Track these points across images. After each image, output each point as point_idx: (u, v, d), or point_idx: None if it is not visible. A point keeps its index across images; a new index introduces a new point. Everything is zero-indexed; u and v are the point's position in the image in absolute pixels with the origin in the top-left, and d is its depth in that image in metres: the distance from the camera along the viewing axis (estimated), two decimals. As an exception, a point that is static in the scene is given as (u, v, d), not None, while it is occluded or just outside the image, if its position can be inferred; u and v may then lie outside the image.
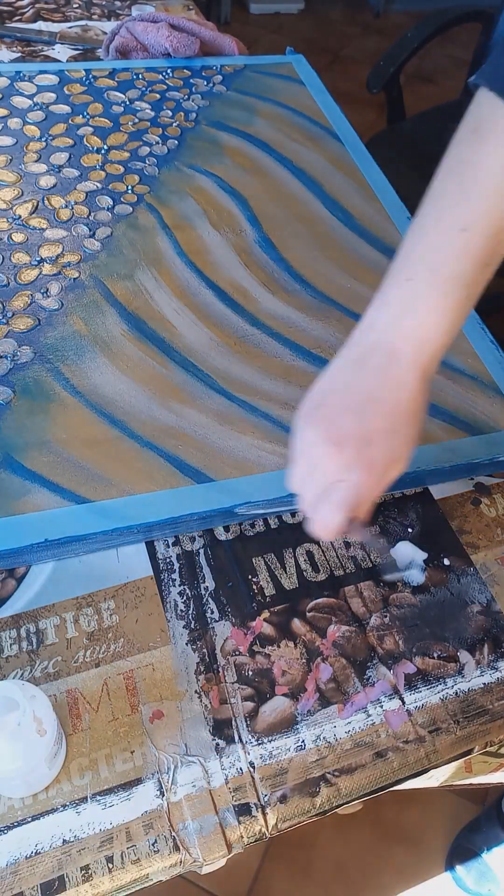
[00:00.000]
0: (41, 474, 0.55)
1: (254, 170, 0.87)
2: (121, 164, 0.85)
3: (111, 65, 1.01)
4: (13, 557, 0.52)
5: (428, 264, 0.42)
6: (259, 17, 3.05)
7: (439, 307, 0.42)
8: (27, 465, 0.56)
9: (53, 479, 0.55)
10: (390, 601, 0.55)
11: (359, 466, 0.42)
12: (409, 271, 0.43)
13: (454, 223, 0.41)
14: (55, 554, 0.54)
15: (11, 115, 0.88)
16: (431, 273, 0.42)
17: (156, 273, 0.73)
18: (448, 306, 0.42)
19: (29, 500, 0.54)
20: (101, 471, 0.56)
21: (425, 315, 0.42)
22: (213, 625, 0.53)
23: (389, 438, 0.43)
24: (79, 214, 0.77)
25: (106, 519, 0.53)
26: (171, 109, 0.95)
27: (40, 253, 0.73)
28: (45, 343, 0.65)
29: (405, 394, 0.43)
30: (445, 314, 0.42)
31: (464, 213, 0.41)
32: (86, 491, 0.55)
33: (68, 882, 0.41)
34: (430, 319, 0.42)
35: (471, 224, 0.41)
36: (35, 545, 0.51)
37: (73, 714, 0.47)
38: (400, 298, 0.43)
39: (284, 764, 0.47)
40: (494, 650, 0.54)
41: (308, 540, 0.58)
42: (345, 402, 0.43)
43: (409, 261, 0.43)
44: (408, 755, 0.48)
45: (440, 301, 0.42)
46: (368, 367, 0.43)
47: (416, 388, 0.43)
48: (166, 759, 0.46)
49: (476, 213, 0.41)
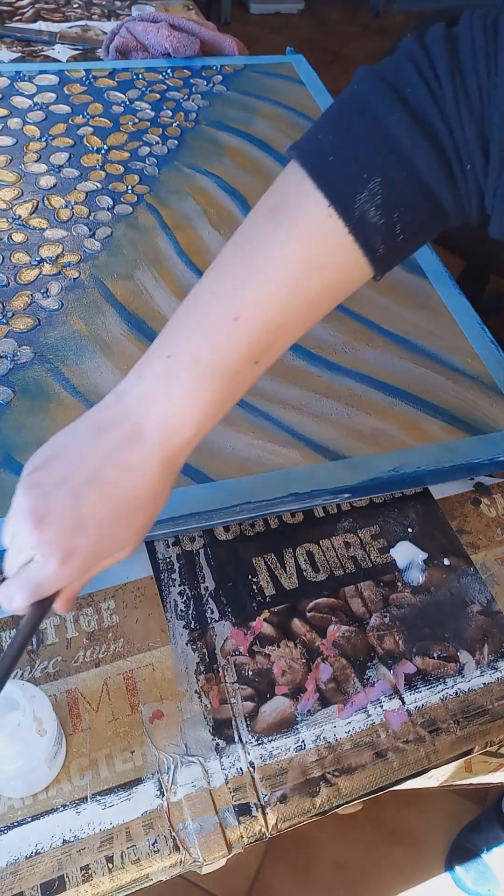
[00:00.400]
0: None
1: (254, 170, 0.87)
2: (121, 164, 0.85)
3: (111, 65, 1.01)
4: None
5: (191, 346, 0.38)
6: (259, 16, 3.05)
7: (193, 396, 0.38)
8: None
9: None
10: (390, 601, 0.55)
11: (56, 554, 0.37)
12: (170, 347, 0.38)
13: (228, 309, 0.37)
14: None
15: (11, 115, 0.88)
16: (192, 357, 0.37)
17: (156, 273, 0.73)
18: (204, 398, 0.38)
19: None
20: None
21: (177, 401, 0.38)
22: (213, 625, 0.53)
23: (108, 527, 0.38)
24: (79, 214, 0.77)
25: None
26: (171, 109, 0.95)
27: (40, 253, 0.73)
28: (45, 343, 0.65)
29: (139, 480, 0.38)
30: (198, 406, 0.38)
31: (241, 300, 0.37)
32: None
33: (68, 882, 0.41)
34: (181, 408, 0.38)
35: (246, 315, 0.37)
36: None
37: (73, 714, 0.47)
38: (155, 376, 0.38)
39: (284, 764, 0.47)
40: (494, 650, 0.54)
41: (308, 540, 0.58)
42: (67, 473, 0.37)
43: (174, 336, 0.39)
44: (408, 755, 0.48)
45: (195, 390, 0.38)
46: (107, 439, 0.38)
47: (154, 477, 0.38)
48: (166, 759, 0.46)
49: (254, 304, 0.37)
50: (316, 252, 0.37)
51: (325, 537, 0.59)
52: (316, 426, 0.62)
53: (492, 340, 0.72)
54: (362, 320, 0.72)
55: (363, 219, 0.36)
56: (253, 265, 0.37)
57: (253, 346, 0.38)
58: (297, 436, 0.61)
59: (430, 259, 0.79)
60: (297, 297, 0.38)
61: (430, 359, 0.69)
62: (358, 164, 0.36)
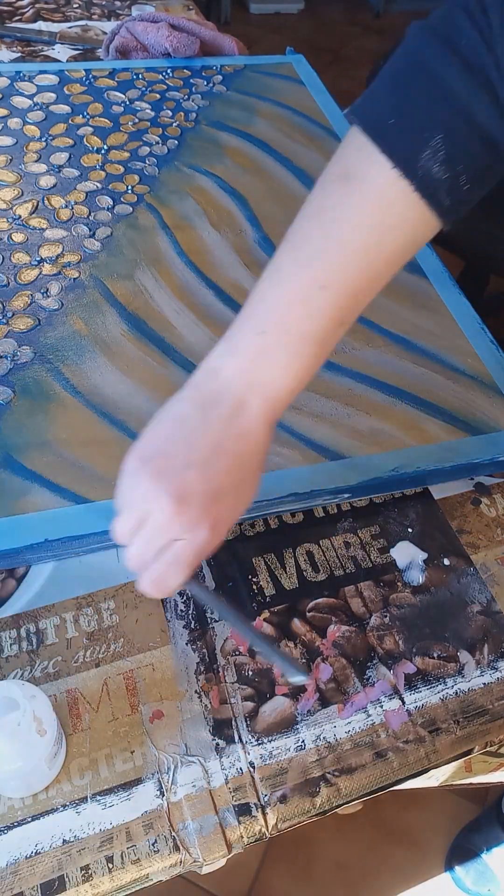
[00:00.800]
0: (41, 474, 0.55)
1: (254, 170, 0.87)
2: (121, 164, 0.85)
3: (111, 65, 1.01)
4: (13, 557, 0.52)
5: (281, 319, 0.40)
6: (259, 16, 3.05)
7: (290, 365, 0.41)
8: (27, 465, 0.56)
9: (53, 479, 0.55)
10: (390, 601, 0.55)
11: (203, 525, 0.39)
12: (261, 322, 0.41)
13: (313, 280, 0.39)
14: (55, 554, 0.54)
15: (11, 115, 0.88)
16: (284, 330, 0.40)
17: (156, 273, 0.73)
18: (299, 364, 0.41)
19: (29, 500, 0.53)
20: (102, 471, 0.56)
21: (275, 370, 0.41)
22: (213, 625, 0.53)
23: (234, 493, 0.41)
24: (79, 214, 0.77)
25: (106, 519, 0.53)
26: (171, 109, 0.95)
27: (40, 253, 0.73)
28: (45, 343, 0.65)
29: (251, 445, 0.41)
30: (296, 372, 0.41)
31: (324, 269, 0.39)
32: (86, 491, 0.55)
33: (68, 882, 0.41)
34: (279, 376, 0.41)
35: (331, 283, 0.39)
36: (35, 545, 0.51)
37: (73, 714, 0.47)
38: (249, 350, 0.41)
39: (284, 764, 0.47)
40: (494, 650, 0.54)
41: (308, 540, 0.58)
42: (190, 453, 0.40)
43: (262, 310, 0.41)
44: (408, 755, 0.48)
45: (292, 360, 0.41)
46: (216, 414, 0.40)
47: (263, 437, 0.41)
48: (166, 759, 0.46)
49: (337, 272, 0.39)
50: (387, 215, 0.39)
51: (326, 537, 0.59)
52: (315, 426, 0.62)
53: (492, 340, 0.72)
54: (362, 320, 0.72)
55: (428, 176, 0.37)
56: (330, 234, 0.39)
57: (339, 311, 0.40)
58: (296, 436, 0.61)
59: (431, 259, 0.79)
60: (375, 259, 0.40)
61: (430, 359, 0.69)
62: (418, 124, 0.37)
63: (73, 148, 0.86)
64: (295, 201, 0.84)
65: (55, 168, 0.82)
